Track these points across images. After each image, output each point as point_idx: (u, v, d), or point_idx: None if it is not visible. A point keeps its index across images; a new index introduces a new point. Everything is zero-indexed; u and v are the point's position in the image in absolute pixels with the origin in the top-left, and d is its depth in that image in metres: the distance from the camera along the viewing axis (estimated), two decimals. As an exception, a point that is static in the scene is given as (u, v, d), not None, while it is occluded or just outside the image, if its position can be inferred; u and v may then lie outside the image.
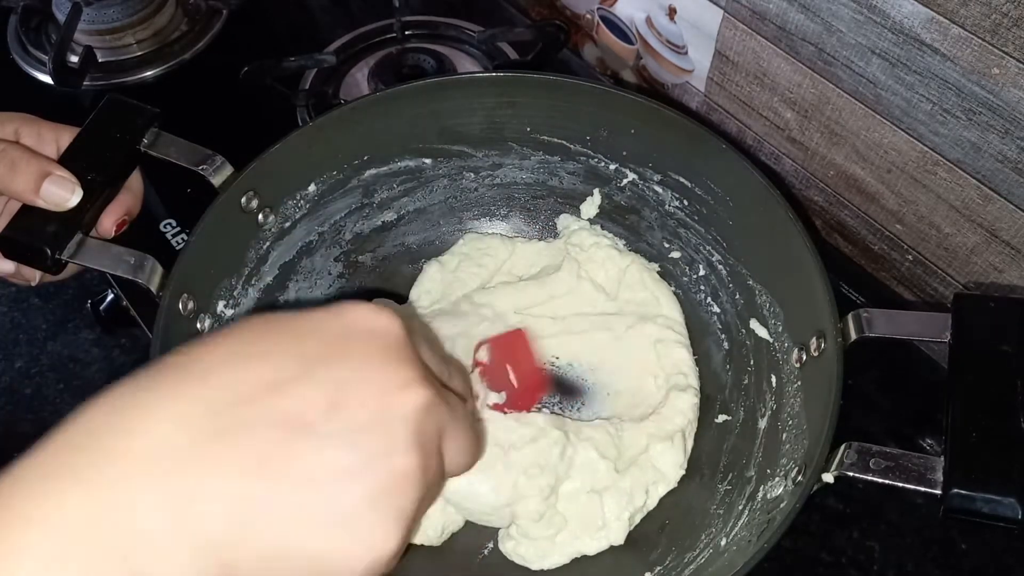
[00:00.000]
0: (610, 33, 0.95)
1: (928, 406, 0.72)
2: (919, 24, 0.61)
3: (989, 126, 0.62)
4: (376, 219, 0.76)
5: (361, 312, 0.37)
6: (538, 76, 0.71)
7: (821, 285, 0.57)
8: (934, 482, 0.46)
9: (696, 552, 0.60)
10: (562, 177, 0.76)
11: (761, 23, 0.74)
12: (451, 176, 0.76)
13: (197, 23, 1.00)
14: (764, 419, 0.63)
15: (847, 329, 0.54)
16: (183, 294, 0.59)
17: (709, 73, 0.84)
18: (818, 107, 0.74)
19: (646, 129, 0.69)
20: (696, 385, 0.69)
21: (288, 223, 0.69)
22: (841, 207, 0.79)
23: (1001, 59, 0.58)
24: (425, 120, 0.71)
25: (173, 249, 0.78)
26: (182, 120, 0.63)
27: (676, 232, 0.73)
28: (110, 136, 0.60)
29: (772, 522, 0.52)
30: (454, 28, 0.97)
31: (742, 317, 0.68)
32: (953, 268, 0.72)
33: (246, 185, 0.63)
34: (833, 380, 0.53)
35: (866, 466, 0.48)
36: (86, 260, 0.57)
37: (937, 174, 0.68)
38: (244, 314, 0.67)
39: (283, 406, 0.33)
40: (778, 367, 0.63)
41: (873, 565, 0.65)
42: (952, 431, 0.48)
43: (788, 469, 0.56)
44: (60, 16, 0.93)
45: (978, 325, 0.51)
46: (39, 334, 0.82)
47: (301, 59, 0.91)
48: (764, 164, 0.84)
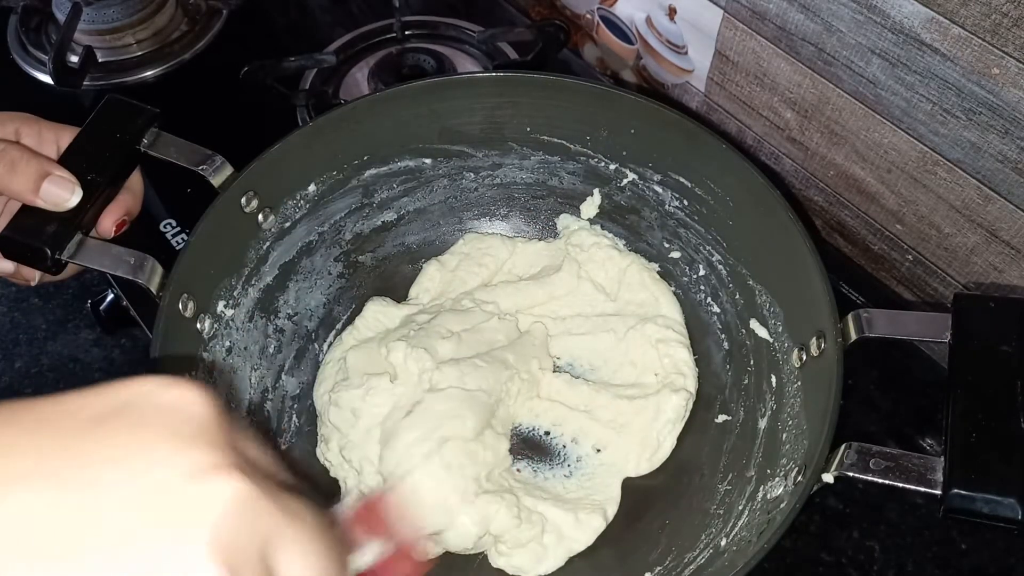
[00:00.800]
0: (610, 33, 0.95)
1: (928, 406, 0.72)
2: (919, 24, 0.61)
3: (989, 126, 0.62)
4: (376, 219, 0.76)
5: (147, 384, 0.28)
6: (538, 76, 0.71)
7: (821, 285, 0.57)
8: (934, 482, 0.46)
9: (696, 552, 0.60)
10: (562, 177, 0.76)
11: (761, 23, 0.74)
12: (451, 176, 0.76)
13: (197, 23, 1.00)
14: (764, 419, 0.63)
15: (847, 329, 0.54)
16: (183, 294, 0.59)
17: (709, 73, 0.84)
18: (818, 107, 0.74)
19: (646, 129, 0.69)
20: (692, 388, 0.69)
21: (288, 223, 0.69)
22: (841, 207, 0.79)
23: (1001, 59, 0.58)
24: (425, 120, 0.71)
25: (173, 249, 0.78)
26: (182, 120, 0.63)
27: (676, 232, 0.73)
28: (110, 136, 0.60)
29: (772, 522, 0.52)
30: (454, 28, 0.97)
31: (742, 317, 0.68)
32: (953, 268, 0.72)
33: (246, 185, 0.63)
34: (833, 380, 0.53)
35: (866, 466, 0.48)
36: (86, 260, 0.57)
37: (937, 174, 0.68)
38: (244, 314, 0.67)
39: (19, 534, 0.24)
40: (778, 367, 0.63)
41: (873, 565, 0.65)
42: (952, 431, 0.48)
43: (788, 469, 0.56)
44: (60, 16, 0.93)
45: (978, 325, 0.51)
46: (39, 334, 0.82)
47: (301, 59, 0.91)
48: (764, 164, 0.84)
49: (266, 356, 0.69)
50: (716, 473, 0.65)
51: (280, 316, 0.71)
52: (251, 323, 0.68)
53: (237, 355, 0.66)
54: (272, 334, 0.70)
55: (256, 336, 0.68)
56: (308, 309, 0.73)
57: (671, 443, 0.67)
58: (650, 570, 0.61)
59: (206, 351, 0.62)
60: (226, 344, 0.65)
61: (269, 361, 0.69)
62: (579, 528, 0.62)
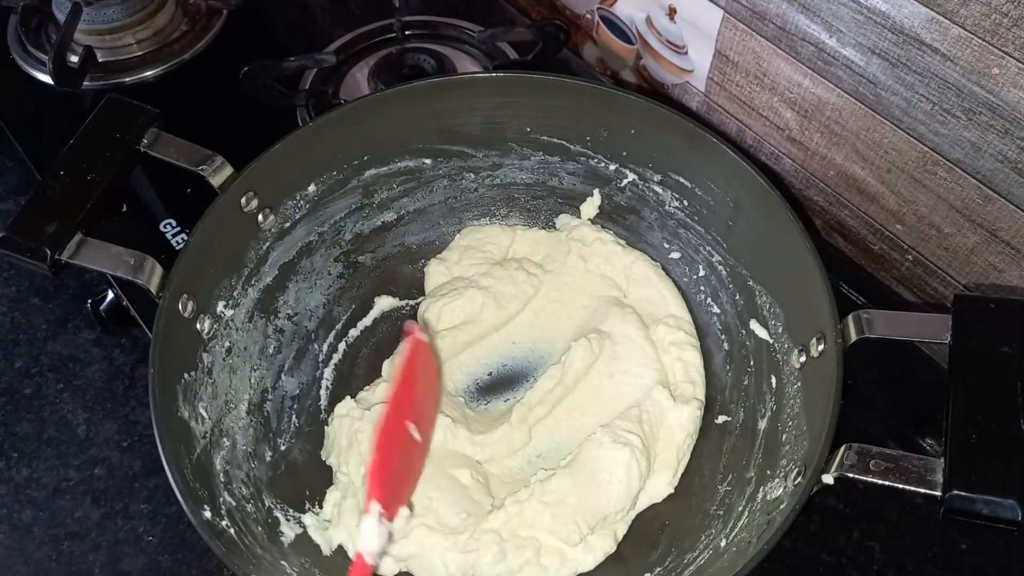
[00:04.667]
0: (610, 33, 0.95)
1: (928, 406, 0.72)
2: (919, 24, 0.61)
3: (989, 126, 0.61)
4: (376, 219, 0.76)
5: None
6: (538, 76, 0.71)
7: (821, 286, 0.57)
8: (934, 484, 0.46)
9: (696, 553, 0.60)
10: (562, 177, 0.76)
11: (761, 23, 0.74)
12: (451, 176, 0.76)
13: (197, 23, 1.00)
14: (764, 420, 0.63)
15: (847, 330, 0.54)
16: (183, 295, 0.59)
17: (709, 73, 0.83)
18: (818, 107, 0.74)
19: (646, 130, 0.69)
20: (702, 396, 0.68)
21: (288, 223, 0.69)
22: (841, 207, 0.79)
23: (1001, 59, 0.58)
24: (425, 120, 0.71)
25: (173, 249, 0.78)
26: (182, 120, 0.63)
27: (676, 232, 0.73)
28: (110, 136, 0.60)
29: (772, 523, 0.52)
30: (454, 28, 0.97)
31: (742, 318, 0.68)
32: (953, 268, 0.72)
33: (246, 185, 0.63)
34: (833, 381, 0.53)
35: (866, 467, 0.48)
36: (86, 260, 0.57)
37: (937, 174, 0.68)
38: (244, 314, 0.67)
39: None
40: (778, 368, 0.63)
41: (873, 565, 0.65)
42: (952, 433, 0.48)
43: (788, 470, 0.56)
44: (60, 16, 0.93)
45: (978, 326, 0.51)
46: (39, 334, 0.82)
47: (301, 59, 0.91)
48: (764, 164, 0.84)
49: (266, 356, 0.69)
50: (716, 474, 0.64)
51: (280, 316, 0.71)
52: (251, 323, 0.67)
53: (237, 355, 0.66)
54: (272, 334, 0.70)
55: (256, 336, 0.68)
56: (308, 309, 0.73)
57: (686, 459, 0.66)
58: (650, 571, 0.61)
59: (206, 351, 0.62)
60: (226, 344, 0.65)
61: (269, 361, 0.69)
62: (589, 553, 0.61)
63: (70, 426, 0.76)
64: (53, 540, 0.71)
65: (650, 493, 0.64)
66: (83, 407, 0.77)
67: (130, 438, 0.76)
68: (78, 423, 0.76)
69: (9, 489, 0.72)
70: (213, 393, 0.62)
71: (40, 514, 0.72)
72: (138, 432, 0.76)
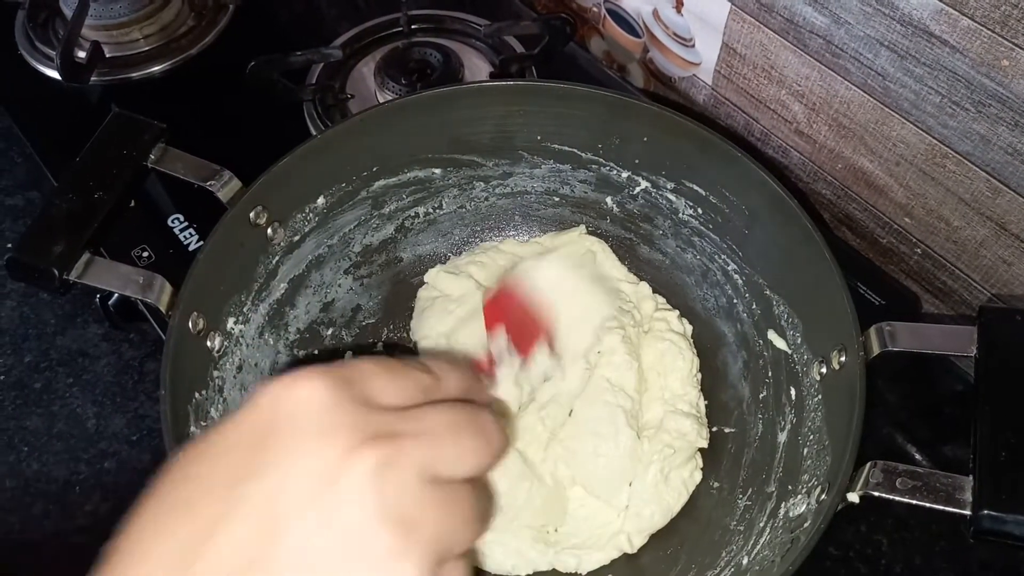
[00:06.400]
0: (616, 26, 0.94)
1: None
2: (928, 16, 0.61)
3: (999, 118, 0.61)
4: (386, 230, 0.75)
5: (273, 392, 0.33)
6: (549, 85, 0.70)
7: (842, 297, 0.55)
8: (963, 503, 0.45)
9: (717, 571, 0.58)
10: (573, 185, 0.75)
11: (769, 15, 0.73)
12: (461, 186, 0.75)
13: (204, 18, 1.00)
14: (784, 432, 0.62)
15: (869, 343, 0.53)
16: (193, 312, 0.58)
17: (716, 66, 0.83)
18: (826, 100, 0.74)
19: (659, 137, 0.68)
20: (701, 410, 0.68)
21: (297, 236, 0.68)
22: (849, 200, 0.79)
23: (1011, 51, 0.57)
24: (434, 130, 0.70)
25: (182, 244, 0.78)
26: (189, 116, 0.63)
27: (690, 240, 0.72)
28: (116, 153, 0.59)
29: (796, 542, 0.51)
30: (460, 22, 0.97)
31: (759, 328, 0.67)
32: (962, 262, 0.72)
33: (255, 199, 0.62)
34: (856, 396, 0.51)
35: (892, 486, 0.47)
36: (94, 280, 0.56)
37: (946, 167, 0.67)
38: (254, 330, 0.66)
39: (224, 555, 0.29)
40: (797, 380, 0.62)
41: (881, 559, 0.65)
42: (980, 450, 0.46)
43: (811, 487, 0.54)
44: (67, 11, 0.93)
45: (1004, 339, 0.50)
46: (48, 329, 0.82)
47: (307, 53, 0.91)
48: (771, 158, 0.84)
49: (276, 371, 0.68)
50: (735, 487, 0.64)
51: (290, 330, 0.70)
52: (261, 339, 0.67)
53: (247, 372, 0.65)
54: (282, 349, 0.69)
55: (267, 352, 0.67)
56: (317, 323, 0.72)
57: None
58: (671, 587, 0.60)
59: (216, 369, 0.61)
60: (236, 361, 0.64)
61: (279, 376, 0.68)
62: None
63: (80, 420, 0.76)
64: (64, 534, 0.72)
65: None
66: (92, 401, 0.77)
67: (139, 432, 0.76)
68: (88, 417, 0.76)
69: (20, 483, 0.72)
70: (224, 412, 0.61)
71: (51, 507, 0.72)
72: (147, 426, 0.76)
